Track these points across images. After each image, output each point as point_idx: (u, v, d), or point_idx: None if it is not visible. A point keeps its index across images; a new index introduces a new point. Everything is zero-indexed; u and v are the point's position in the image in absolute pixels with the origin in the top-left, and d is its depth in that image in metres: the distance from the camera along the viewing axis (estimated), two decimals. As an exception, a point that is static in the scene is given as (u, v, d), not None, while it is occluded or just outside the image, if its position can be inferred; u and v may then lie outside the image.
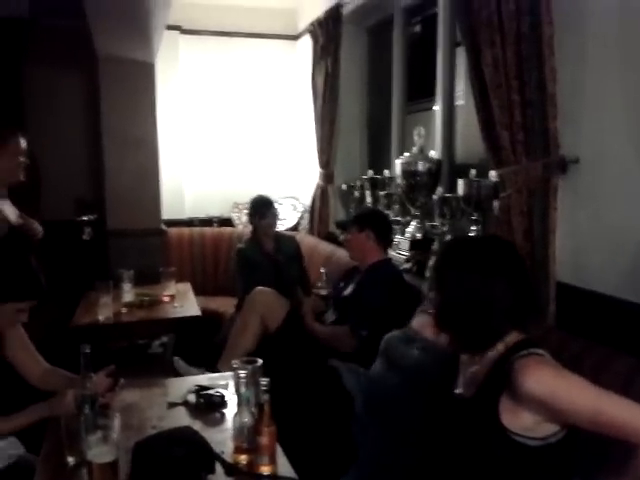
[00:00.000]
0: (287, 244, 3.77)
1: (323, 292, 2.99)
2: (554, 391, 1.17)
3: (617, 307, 1.75)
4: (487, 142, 2.22)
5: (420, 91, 3.70)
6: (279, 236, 3.82)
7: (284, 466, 1.50)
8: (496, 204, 2.27)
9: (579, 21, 1.91)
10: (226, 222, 4.82)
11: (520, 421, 1.22)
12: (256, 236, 3.75)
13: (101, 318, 2.95)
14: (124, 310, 3.12)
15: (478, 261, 1.31)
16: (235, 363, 1.65)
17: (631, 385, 1.42)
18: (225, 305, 3.75)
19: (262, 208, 3.72)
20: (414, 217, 3.19)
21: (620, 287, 1.76)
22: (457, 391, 1.39)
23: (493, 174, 2.43)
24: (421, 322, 2.10)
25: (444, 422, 1.40)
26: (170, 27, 4.38)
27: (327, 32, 4.03)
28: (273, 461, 1.46)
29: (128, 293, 3.20)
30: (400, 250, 3.12)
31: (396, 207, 3.47)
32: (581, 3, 1.90)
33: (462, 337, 1.35)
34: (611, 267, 1.82)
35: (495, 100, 2.12)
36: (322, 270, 3.08)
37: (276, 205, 3.87)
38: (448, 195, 2.94)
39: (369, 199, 3.71)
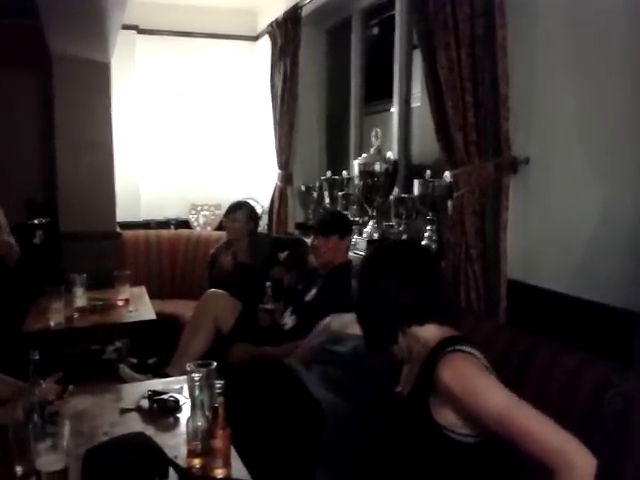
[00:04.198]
0: (262, 245, 3.56)
1: (268, 306, 2.96)
2: (466, 387, 1.19)
3: (567, 304, 1.79)
4: (441, 143, 2.25)
5: (378, 93, 3.73)
6: (256, 238, 3.62)
7: (239, 469, 1.48)
8: (450, 204, 2.31)
9: (531, 24, 1.95)
10: (184, 224, 4.76)
11: (447, 418, 1.24)
12: (230, 242, 3.60)
13: (52, 323, 2.88)
14: (76, 315, 3.05)
15: (378, 263, 1.41)
16: (189, 366, 1.61)
17: (580, 379, 1.45)
18: (182, 308, 3.69)
19: (227, 211, 3.59)
20: (371, 217, 3.21)
21: (570, 284, 1.79)
22: (397, 389, 1.41)
23: (447, 175, 2.47)
24: (340, 322, 2.20)
25: (385, 421, 1.41)
26: (126, 27, 4.30)
27: (286, 33, 4.02)
28: (227, 464, 1.44)
29: (80, 298, 3.13)
30: (357, 250, 3.14)
31: (354, 208, 3.49)
32: (533, 7, 1.94)
33: (366, 334, 1.42)
34: (561, 264, 1.86)
35: (449, 101, 2.14)
36: (267, 284, 3.04)
37: (255, 207, 3.74)
38: (404, 195, 2.98)
39: (327, 200, 3.73)
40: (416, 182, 2.75)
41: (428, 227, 2.74)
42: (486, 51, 2.03)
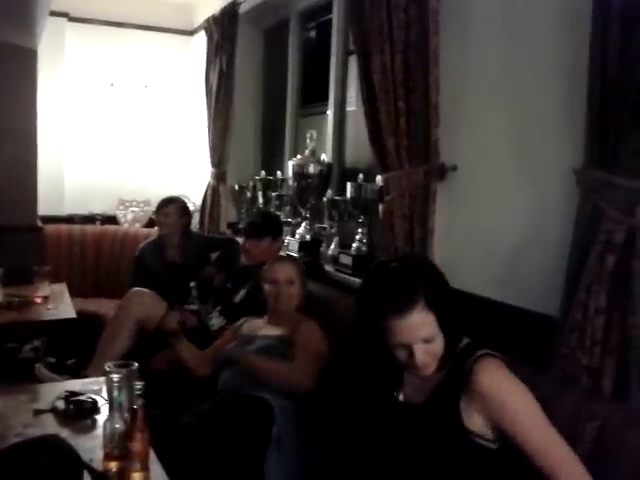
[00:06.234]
0: (194, 244, 3.46)
1: (194, 307, 2.89)
2: (506, 396, 1.19)
3: (491, 309, 1.84)
4: (374, 147, 2.28)
5: (314, 95, 3.74)
6: (189, 236, 3.52)
7: (158, 473, 1.44)
8: (381, 208, 2.34)
9: (465, 33, 2.01)
10: (110, 220, 4.60)
11: (476, 423, 1.22)
12: (160, 239, 3.49)
13: (-35, 319, 2.72)
14: (-8, 311, 2.89)
15: (435, 267, 1.40)
16: (108, 366, 1.55)
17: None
18: (105, 307, 3.57)
19: (158, 206, 3.48)
20: (304, 219, 3.21)
21: (493, 289, 1.85)
22: (401, 399, 1.34)
23: (379, 179, 2.50)
24: (253, 325, 2.28)
25: (389, 429, 1.34)
26: (56, 13, 4.14)
27: (222, 29, 3.97)
28: (146, 467, 1.39)
29: (-4, 293, 2.97)
30: (289, 251, 3.13)
31: (287, 208, 3.48)
32: (467, 15, 1.99)
33: (455, 339, 1.31)
34: (485, 270, 1.91)
35: (382, 106, 2.18)
36: (191, 285, 2.98)
37: (187, 203, 3.65)
38: (337, 198, 3.00)
39: (261, 200, 3.70)
40: (349, 185, 2.78)
41: (359, 230, 2.77)
42: (419, 58, 2.06)
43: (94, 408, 1.78)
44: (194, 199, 4.59)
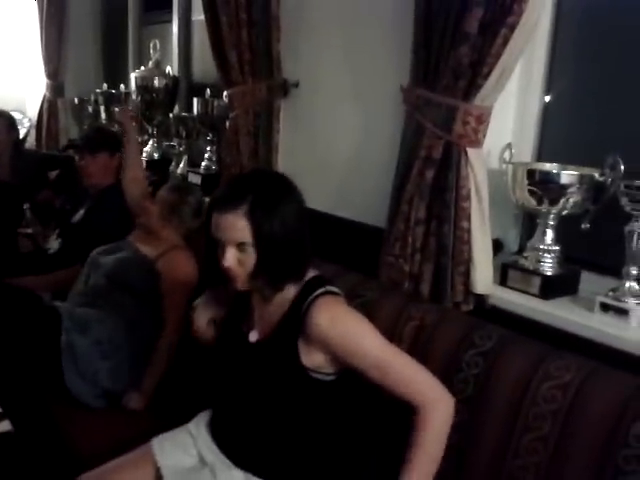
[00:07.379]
0: (27, 163, 3.21)
1: (29, 230, 2.71)
2: (345, 333, 1.19)
3: (327, 222, 1.91)
4: (217, 60, 2.22)
5: (158, 1, 3.49)
6: (20, 154, 3.25)
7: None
8: (227, 124, 2.30)
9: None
10: None
11: (314, 360, 1.23)
12: None
13: None
14: None
15: (289, 194, 1.22)
16: None
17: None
18: None
19: None
20: (151, 136, 3.07)
21: (331, 204, 1.92)
22: (252, 339, 1.30)
23: (225, 94, 2.43)
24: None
25: (235, 366, 1.33)
26: None
27: None
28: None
29: None
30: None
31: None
32: None
33: (278, 271, 1.21)
34: (323, 186, 1.96)
35: (224, 16, 2.09)
36: (25, 206, 2.77)
37: (22, 119, 3.29)
38: (185, 114, 2.89)
39: (104, 115, 3.47)
40: (196, 101, 2.68)
41: (208, 148, 2.71)
42: (259, -34, 1.99)
43: None
44: (30, 114, 4.19)
